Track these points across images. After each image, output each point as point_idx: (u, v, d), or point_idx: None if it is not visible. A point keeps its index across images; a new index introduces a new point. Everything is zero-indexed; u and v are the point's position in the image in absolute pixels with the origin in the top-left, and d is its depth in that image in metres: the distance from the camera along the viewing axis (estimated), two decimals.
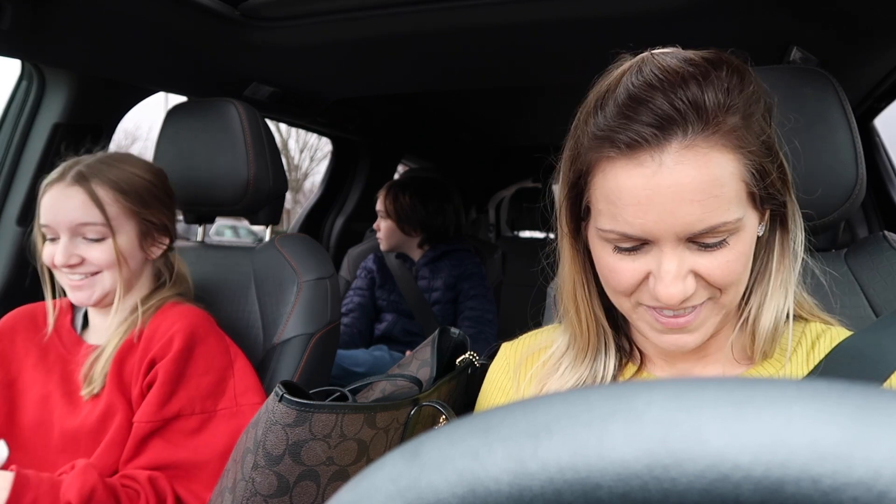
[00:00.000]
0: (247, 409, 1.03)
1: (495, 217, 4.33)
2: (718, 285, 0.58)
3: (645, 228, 0.55)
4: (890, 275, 0.82)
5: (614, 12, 1.16)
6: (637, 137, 0.53)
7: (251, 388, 1.06)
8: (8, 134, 1.39)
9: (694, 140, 0.53)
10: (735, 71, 0.56)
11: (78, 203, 1.02)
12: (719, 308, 0.60)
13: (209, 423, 1.01)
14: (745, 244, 0.58)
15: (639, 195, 0.54)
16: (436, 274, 2.01)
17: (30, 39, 1.14)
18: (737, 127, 0.54)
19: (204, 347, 1.04)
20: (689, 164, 0.53)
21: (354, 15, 1.24)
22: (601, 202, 0.58)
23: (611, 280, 0.61)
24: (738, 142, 0.54)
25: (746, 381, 0.17)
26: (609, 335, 0.69)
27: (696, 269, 0.57)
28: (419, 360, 0.91)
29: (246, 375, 1.07)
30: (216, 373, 1.04)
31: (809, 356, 0.65)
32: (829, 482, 0.15)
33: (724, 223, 0.54)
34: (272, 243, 1.35)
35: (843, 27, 1.18)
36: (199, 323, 1.06)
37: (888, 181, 1.83)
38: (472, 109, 2.60)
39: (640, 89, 0.55)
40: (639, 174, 0.54)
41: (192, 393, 1.00)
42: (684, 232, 0.55)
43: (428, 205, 2.01)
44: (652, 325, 0.61)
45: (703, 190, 0.53)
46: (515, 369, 0.76)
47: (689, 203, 0.53)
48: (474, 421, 0.19)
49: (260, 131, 1.31)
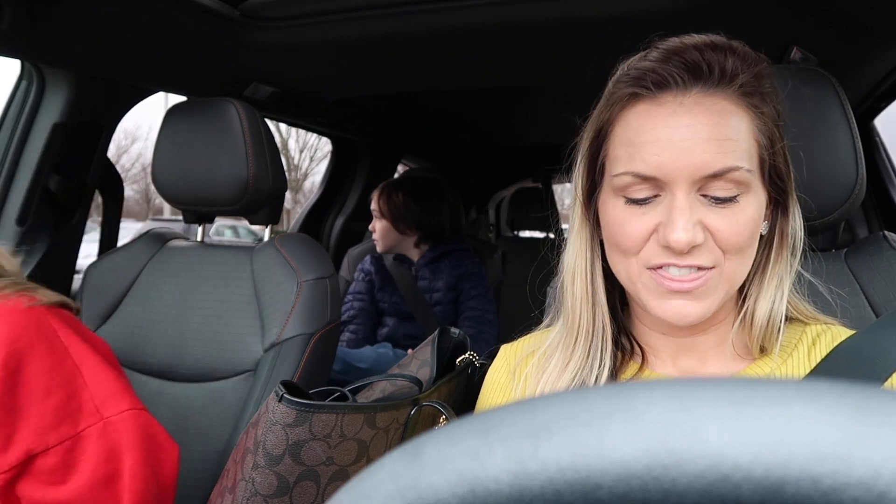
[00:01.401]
0: (117, 420, 0.82)
1: (495, 217, 4.33)
2: (725, 246, 0.58)
3: (661, 167, 0.57)
4: (890, 275, 0.82)
5: (614, 12, 1.16)
6: (665, 75, 0.58)
7: (113, 394, 0.84)
8: (8, 134, 1.39)
9: (714, 91, 0.58)
10: (752, 54, 0.61)
11: None
12: (724, 281, 0.60)
13: (76, 451, 0.79)
14: (754, 210, 0.59)
15: (658, 133, 0.58)
16: (437, 274, 2.01)
17: (30, 39, 1.14)
18: (753, 92, 0.59)
19: (35, 363, 0.79)
20: (706, 108, 0.57)
21: (354, 15, 1.24)
22: (620, 147, 0.61)
23: (619, 237, 0.61)
24: (752, 103, 0.59)
25: (746, 381, 0.17)
26: (607, 319, 0.67)
27: (705, 223, 0.58)
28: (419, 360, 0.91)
29: (101, 380, 0.84)
30: (61, 390, 0.80)
31: (810, 355, 0.65)
32: (829, 482, 0.15)
33: (738, 167, 0.56)
34: (272, 243, 1.35)
35: (843, 27, 1.18)
36: (19, 327, 0.79)
37: (888, 181, 1.83)
38: (472, 109, 2.60)
39: (674, 44, 0.60)
40: (659, 112, 0.58)
41: (37, 425, 0.77)
42: (699, 172, 0.56)
43: (422, 203, 2.00)
44: (656, 290, 0.61)
45: (718, 131, 0.56)
46: (514, 370, 0.76)
47: (706, 142, 0.56)
48: (474, 421, 0.19)
49: (260, 131, 1.31)
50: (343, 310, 2.04)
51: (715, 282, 0.59)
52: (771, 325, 0.64)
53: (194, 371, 1.26)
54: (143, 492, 0.81)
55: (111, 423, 0.82)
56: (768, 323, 0.64)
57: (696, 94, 0.57)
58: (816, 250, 0.70)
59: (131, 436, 0.83)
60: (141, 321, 1.32)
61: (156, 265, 1.37)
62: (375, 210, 2.03)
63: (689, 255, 0.58)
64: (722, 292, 0.61)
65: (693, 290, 0.59)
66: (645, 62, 0.60)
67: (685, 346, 0.68)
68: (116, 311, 1.34)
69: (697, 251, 0.58)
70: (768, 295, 0.64)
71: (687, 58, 0.58)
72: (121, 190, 1.67)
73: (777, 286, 0.64)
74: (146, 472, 0.82)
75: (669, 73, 0.58)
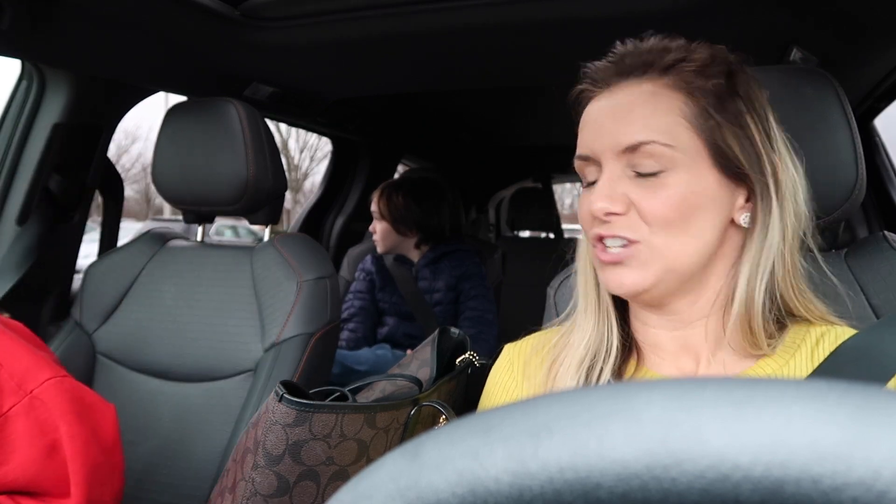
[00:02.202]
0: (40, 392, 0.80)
1: (495, 217, 4.33)
2: (645, 217, 0.61)
3: (587, 144, 0.66)
4: (890, 275, 0.82)
5: (614, 12, 1.16)
6: (605, 74, 0.66)
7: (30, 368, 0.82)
8: (8, 134, 1.39)
9: (646, 80, 0.64)
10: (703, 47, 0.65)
11: None
12: (658, 255, 0.62)
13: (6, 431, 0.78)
14: (685, 187, 0.61)
15: (590, 116, 0.66)
16: (437, 275, 2.00)
17: (30, 39, 1.14)
18: (688, 79, 0.63)
19: None
20: (634, 93, 0.64)
21: (354, 15, 1.24)
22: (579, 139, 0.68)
23: (579, 219, 0.68)
24: (685, 87, 0.62)
25: (746, 381, 0.17)
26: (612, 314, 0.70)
27: (629, 196, 0.62)
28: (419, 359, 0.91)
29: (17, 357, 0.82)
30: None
31: (813, 355, 0.65)
32: (829, 482, 0.15)
33: (652, 141, 0.60)
34: (272, 243, 1.35)
35: (843, 27, 1.18)
36: None
37: (888, 181, 1.83)
38: (473, 109, 2.60)
39: (626, 48, 0.67)
40: (595, 101, 0.67)
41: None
42: (615, 145, 0.62)
43: (422, 204, 1.99)
44: (599, 264, 0.66)
45: (636, 110, 0.62)
46: (523, 367, 0.76)
47: (621, 119, 0.63)
48: (474, 421, 0.19)
49: (260, 131, 1.31)
50: (343, 308, 2.04)
51: (646, 253, 0.62)
52: (749, 313, 0.63)
53: (194, 371, 1.26)
54: (86, 454, 0.81)
55: (36, 397, 0.80)
56: (745, 310, 0.63)
57: (629, 82, 0.64)
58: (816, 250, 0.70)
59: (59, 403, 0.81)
60: (141, 321, 1.32)
61: (156, 265, 1.37)
62: (375, 211, 2.02)
63: (613, 224, 0.62)
64: (658, 265, 0.62)
65: (624, 260, 0.63)
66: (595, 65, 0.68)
67: (678, 341, 0.68)
68: (116, 311, 1.34)
69: (619, 221, 0.62)
70: (742, 283, 0.64)
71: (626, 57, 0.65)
72: (121, 190, 1.67)
73: (752, 274, 0.63)
74: (85, 436, 0.81)
75: (608, 70, 0.66)
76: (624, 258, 0.63)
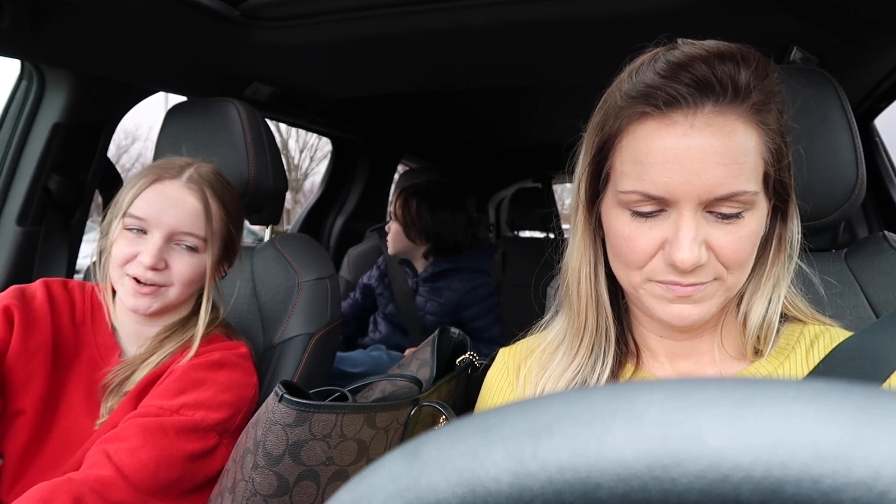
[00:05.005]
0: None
1: (495, 217, 4.33)
2: (727, 262, 0.59)
3: (669, 188, 0.57)
4: (890, 275, 0.82)
5: (615, 12, 1.15)
6: (676, 94, 0.56)
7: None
8: (8, 134, 1.39)
9: (725, 109, 0.56)
10: (762, 60, 0.59)
11: (190, 209, 0.96)
12: (724, 290, 0.61)
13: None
14: (757, 224, 0.59)
15: (667, 154, 0.56)
16: (434, 294, 1.95)
17: (30, 39, 1.14)
18: (761, 106, 0.57)
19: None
20: (718, 129, 0.56)
21: (354, 15, 1.24)
22: (627, 164, 0.60)
23: (625, 249, 0.62)
24: (761, 118, 0.58)
25: (746, 382, 0.17)
26: (610, 321, 0.68)
27: (709, 240, 0.58)
28: (419, 360, 0.91)
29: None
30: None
31: (808, 356, 0.65)
32: (829, 482, 0.15)
33: (745, 191, 0.56)
34: (272, 243, 1.35)
35: (844, 27, 1.18)
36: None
37: (888, 181, 1.83)
38: (473, 109, 2.60)
39: (681, 57, 0.58)
40: (670, 133, 0.57)
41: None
42: (707, 194, 0.56)
43: (436, 214, 1.93)
44: (661, 296, 0.61)
45: (728, 154, 0.56)
46: (516, 370, 0.76)
47: (715, 165, 0.55)
48: (474, 421, 0.19)
49: (260, 131, 1.31)
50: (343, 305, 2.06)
51: (715, 288, 0.60)
52: (766, 326, 0.64)
53: None
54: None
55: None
56: (763, 324, 0.64)
57: (707, 112, 0.56)
58: (816, 251, 0.70)
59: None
60: None
61: None
62: (391, 212, 2.00)
63: (692, 274, 0.59)
64: (722, 299, 0.62)
65: (693, 295, 0.60)
66: (653, 76, 0.58)
67: (682, 348, 0.68)
68: None
69: (700, 270, 0.59)
70: (764, 297, 0.64)
71: (696, 73, 0.56)
72: None
73: (773, 289, 0.64)
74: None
75: (679, 92, 0.56)
76: (695, 292, 0.60)
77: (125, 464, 0.81)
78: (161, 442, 0.84)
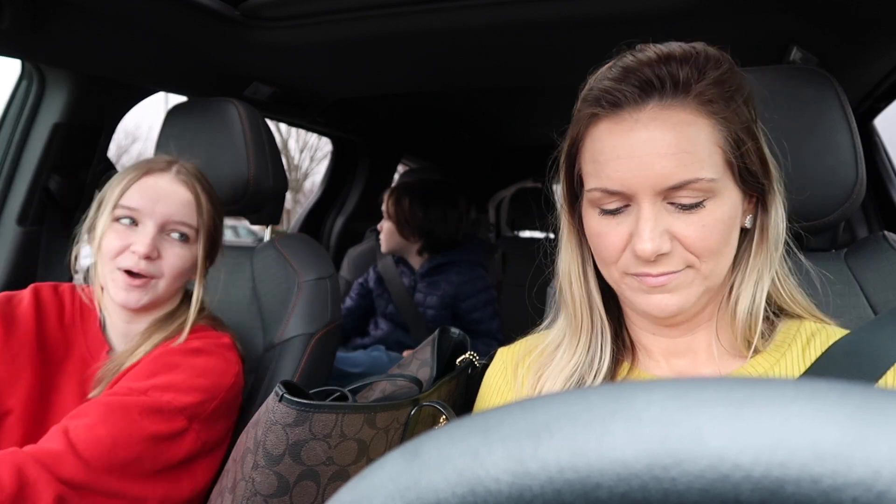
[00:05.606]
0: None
1: (495, 217, 4.33)
2: (694, 250, 0.60)
3: (624, 182, 0.60)
4: (890, 275, 0.82)
5: (614, 12, 1.15)
6: (619, 96, 0.60)
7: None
8: (8, 134, 1.39)
9: (670, 103, 0.59)
10: (711, 55, 0.62)
11: (183, 199, 0.99)
12: (701, 278, 0.62)
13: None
14: (724, 212, 0.60)
15: (618, 150, 0.60)
16: (431, 289, 1.96)
17: (30, 39, 1.14)
18: (714, 98, 0.60)
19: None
20: (663, 122, 0.59)
21: (354, 15, 1.24)
22: (588, 164, 0.64)
23: (599, 246, 0.65)
24: (711, 109, 0.60)
25: (746, 381, 0.17)
26: (605, 320, 0.70)
27: (672, 230, 0.60)
28: (419, 360, 0.91)
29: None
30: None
31: (805, 353, 0.65)
32: (829, 482, 0.15)
33: (698, 179, 0.58)
34: (272, 243, 1.35)
35: (844, 27, 1.18)
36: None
37: (888, 181, 1.83)
38: (472, 109, 2.60)
39: (631, 62, 0.62)
40: (618, 130, 0.60)
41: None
42: (660, 185, 0.58)
43: (429, 211, 1.96)
44: (637, 288, 0.63)
45: (675, 144, 0.58)
46: (514, 369, 0.76)
47: (663, 156, 0.58)
48: (474, 421, 0.19)
49: (260, 131, 1.31)
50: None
51: (690, 277, 0.62)
52: (753, 318, 0.65)
53: None
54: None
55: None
56: (750, 316, 0.64)
57: (651, 108, 0.59)
58: (816, 250, 0.70)
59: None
60: None
61: None
62: (384, 210, 2.01)
63: (659, 263, 0.60)
64: (699, 286, 0.62)
65: (667, 284, 0.61)
66: (604, 81, 0.62)
67: (677, 346, 0.68)
68: None
69: (666, 259, 0.60)
70: (748, 289, 0.65)
71: (640, 75, 0.60)
72: None
73: (757, 281, 0.65)
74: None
75: (622, 91, 0.60)
76: (668, 282, 0.61)
77: (80, 439, 0.81)
78: (121, 421, 0.85)
